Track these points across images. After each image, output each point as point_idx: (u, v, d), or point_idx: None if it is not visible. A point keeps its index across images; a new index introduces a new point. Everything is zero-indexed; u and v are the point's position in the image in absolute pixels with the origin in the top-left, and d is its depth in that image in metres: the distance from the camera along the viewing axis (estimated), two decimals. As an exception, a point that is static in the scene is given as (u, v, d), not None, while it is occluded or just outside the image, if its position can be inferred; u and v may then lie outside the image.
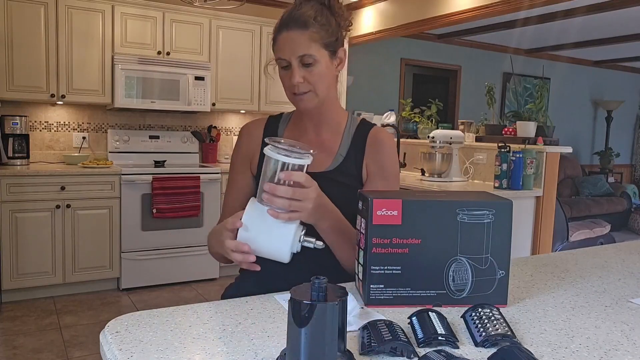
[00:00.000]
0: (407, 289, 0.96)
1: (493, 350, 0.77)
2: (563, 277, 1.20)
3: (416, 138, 4.38)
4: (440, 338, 0.80)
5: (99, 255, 3.68)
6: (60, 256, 3.56)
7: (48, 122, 4.03)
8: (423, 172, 3.71)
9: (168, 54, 4.06)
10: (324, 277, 0.67)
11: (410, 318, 0.87)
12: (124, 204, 3.71)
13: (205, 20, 4.20)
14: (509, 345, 0.76)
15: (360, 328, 0.83)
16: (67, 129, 4.10)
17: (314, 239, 1.03)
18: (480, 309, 0.89)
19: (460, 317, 0.91)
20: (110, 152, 4.16)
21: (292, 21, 1.18)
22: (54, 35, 3.68)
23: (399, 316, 0.92)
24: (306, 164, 1.00)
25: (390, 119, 4.61)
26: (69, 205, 3.55)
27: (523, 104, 4.55)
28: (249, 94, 4.45)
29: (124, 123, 4.30)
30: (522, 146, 3.28)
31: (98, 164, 3.79)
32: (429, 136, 3.61)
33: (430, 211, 0.95)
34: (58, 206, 3.52)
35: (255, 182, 1.31)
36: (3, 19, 3.52)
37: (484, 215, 0.95)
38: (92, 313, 3.34)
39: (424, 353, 0.73)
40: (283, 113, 1.42)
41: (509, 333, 0.81)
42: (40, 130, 4.01)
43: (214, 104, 4.29)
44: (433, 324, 0.83)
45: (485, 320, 0.85)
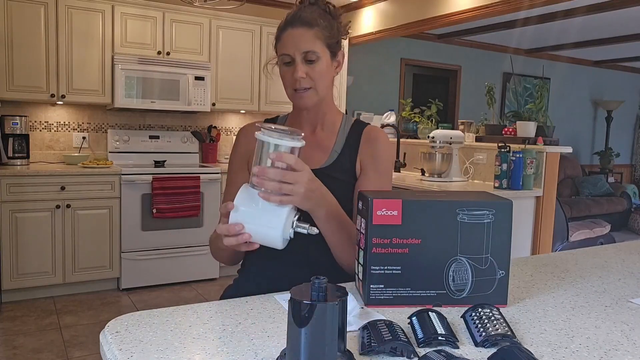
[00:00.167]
0: (407, 289, 0.96)
1: (493, 350, 0.77)
2: (563, 277, 1.20)
3: (416, 138, 4.38)
4: (440, 338, 0.80)
5: (99, 255, 3.68)
6: (60, 256, 3.56)
7: (48, 122, 4.03)
8: (423, 172, 3.71)
9: (168, 54, 4.06)
10: (324, 277, 0.67)
11: (410, 318, 0.87)
12: (124, 204, 3.71)
13: (205, 20, 4.20)
14: (509, 345, 0.76)
15: (360, 328, 0.83)
16: (67, 129, 4.10)
17: (308, 225, 1.01)
18: (480, 309, 0.89)
19: (460, 317, 0.91)
20: (110, 152, 4.17)
21: (298, 20, 1.22)
22: (54, 35, 3.68)
23: (399, 316, 0.92)
24: (297, 146, 0.99)
25: (390, 119, 4.62)
26: (69, 205, 3.55)
27: (523, 104, 4.54)
28: (249, 94, 4.45)
29: (124, 123, 4.30)
30: (522, 146, 3.28)
31: (98, 164, 3.79)
32: (429, 136, 3.61)
33: (430, 211, 0.95)
34: (58, 206, 3.52)
35: None
36: (3, 19, 3.52)
37: (484, 215, 0.95)
38: (92, 313, 3.34)
39: (424, 353, 0.73)
40: (279, 115, 1.43)
41: (509, 333, 0.81)
42: (40, 130, 4.01)
43: (214, 104, 4.29)
44: (433, 324, 0.83)
45: (485, 320, 0.85)
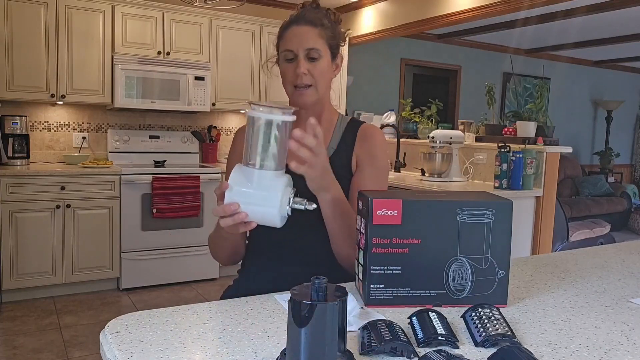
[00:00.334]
0: (407, 289, 0.96)
1: (493, 350, 0.77)
2: (563, 277, 1.20)
3: (416, 138, 4.38)
4: (440, 338, 0.80)
5: (99, 255, 3.68)
6: (60, 256, 3.56)
7: (48, 122, 4.03)
8: (423, 172, 3.71)
9: (168, 54, 4.06)
10: (324, 277, 0.67)
11: (410, 318, 0.87)
12: (124, 204, 3.71)
13: (205, 20, 4.20)
14: (509, 345, 0.76)
15: (360, 328, 0.83)
16: (67, 129, 4.10)
17: (305, 200, 1.00)
18: (480, 309, 0.89)
19: (460, 317, 0.91)
20: (110, 152, 4.17)
21: (302, 19, 1.25)
22: (54, 35, 3.68)
23: (399, 316, 0.92)
24: (289, 120, 0.97)
25: (390, 119, 4.62)
26: (69, 205, 3.55)
27: (523, 104, 4.55)
28: (249, 94, 4.45)
29: (124, 123, 4.30)
30: (522, 146, 3.28)
31: (98, 164, 3.79)
32: (429, 136, 3.61)
33: (430, 211, 0.95)
34: (58, 206, 3.52)
35: None
36: (3, 19, 3.52)
37: (484, 215, 0.96)
38: (92, 313, 3.34)
39: (424, 353, 0.73)
40: None
41: (509, 333, 0.81)
42: (40, 130, 4.01)
43: (214, 104, 4.29)
44: (433, 324, 0.83)
45: (485, 320, 0.85)
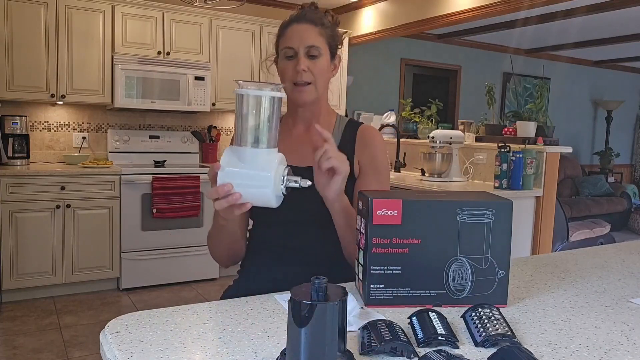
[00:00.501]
0: (407, 289, 0.96)
1: (493, 350, 0.77)
2: (563, 277, 1.20)
3: (416, 138, 4.38)
4: (440, 338, 0.80)
5: (99, 255, 3.68)
6: (60, 256, 3.56)
7: (48, 122, 4.03)
8: (423, 172, 3.71)
9: (168, 54, 4.06)
10: (324, 277, 0.67)
11: (410, 318, 0.87)
12: (124, 204, 3.71)
13: (205, 20, 4.20)
14: (509, 345, 0.76)
15: (360, 328, 0.83)
16: (67, 129, 4.10)
17: (299, 178, 0.97)
18: (480, 309, 0.89)
19: (460, 317, 0.91)
20: (110, 152, 4.16)
21: (303, 17, 1.26)
22: (54, 35, 3.68)
23: (399, 316, 0.92)
24: (277, 96, 0.95)
25: (390, 119, 4.62)
26: (69, 205, 3.55)
27: (523, 104, 4.55)
28: (249, 94, 4.44)
29: (124, 123, 4.30)
30: (522, 146, 3.28)
31: (98, 164, 3.79)
32: (429, 136, 3.61)
33: (430, 211, 0.95)
34: (58, 206, 3.52)
35: None
36: (3, 19, 3.52)
37: (484, 215, 0.95)
38: (92, 313, 3.34)
39: (424, 353, 0.73)
40: None
41: (509, 333, 0.81)
42: (40, 130, 4.01)
43: (214, 104, 4.29)
44: (433, 324, 0.83)
45: (485, 320, 0.85)
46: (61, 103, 3.94)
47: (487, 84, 4.05)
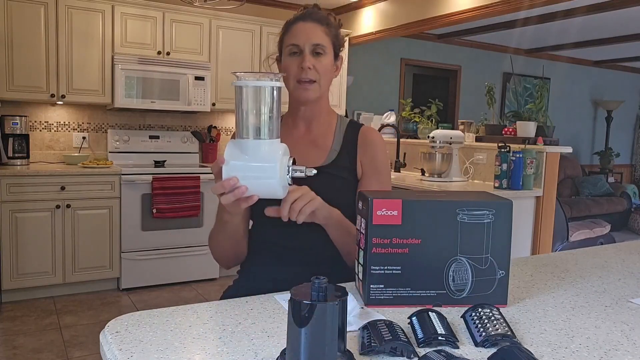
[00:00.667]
0: (407, 289, 0.96)
1: (493, 350, 0.77)
2: (563, 277, 1.20)
3: (416, 138, 4.37)
4: (440, 338, 0.80)
5: (99, 255, 3.68)
6: (60, 256, 3.56)
7: (48, 122, 4.03)
8: (423, 172, 3.71)
9: (168, 54, 4.06)
10: (324, 277, 0.67)
11: (410, 318, 0.87)
12: (124, 204, 3.71)
13: (205, 20, 4.20)
14: (509, 345, 0.76)
15: (360, 328, 0.83)
16: (67, 129, 4.10)
17: (304, 167, 0.98)
18: (480, 309, 0.89)
19: (460, 317, 0.91)
20: (110, 152, 4.16)
21: (309, 16, 1.27)
22: (54, 35, 3.68)
23: (399, 316, 0.92)
24: (276, 86, 0.94)
25: (390, 119, 4.61)
26: (69, 205, 3.55)
27: (523, 104, 4.55)
28: (249, 94, 4.44)
29: (124, 123, 4.30)
30: (522, 146, 3.28)
31: (98, 164, 3.79)
32: (429, 136, 3.61)
33: (430, 211, 0.95)
34: (58, 206, 3.52)
35: None
36: (3, 19, 3.52)
37: (484, 215, 0.95)
38: (92, 313, 3.34)
39: (424, 353, 0.73)
40: None
41: (509, 333, 0.81)
42: (40, 130, 4.01)
43: (214, 104, 4.29)
44: (433, 324, 0.83)
45: (485, 320, 0.85)
46: (61, 103, 3.94)
47: (487, 84, 4.05)
